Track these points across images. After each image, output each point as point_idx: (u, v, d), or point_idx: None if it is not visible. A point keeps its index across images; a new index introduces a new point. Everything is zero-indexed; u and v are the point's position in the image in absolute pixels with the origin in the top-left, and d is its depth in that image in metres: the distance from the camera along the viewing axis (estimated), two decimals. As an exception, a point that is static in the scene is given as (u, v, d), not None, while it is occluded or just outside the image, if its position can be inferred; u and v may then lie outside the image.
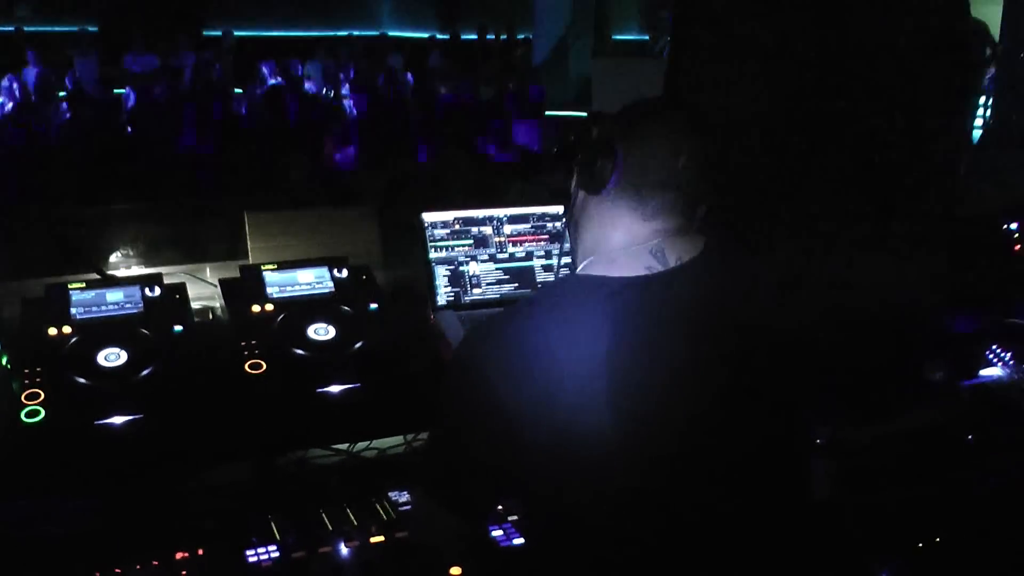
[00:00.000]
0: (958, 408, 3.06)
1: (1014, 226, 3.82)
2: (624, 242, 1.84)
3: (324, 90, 12.71)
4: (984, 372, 3.22)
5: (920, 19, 2.65)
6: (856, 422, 2.81)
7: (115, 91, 12.41)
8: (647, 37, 19.11)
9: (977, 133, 8.75)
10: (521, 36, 18.46)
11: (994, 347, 3.24)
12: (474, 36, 18.93)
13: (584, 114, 10.81)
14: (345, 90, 12.63)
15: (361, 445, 2.82)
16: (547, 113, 11.88)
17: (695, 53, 2.82)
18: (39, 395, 2.51)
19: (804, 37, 2.66)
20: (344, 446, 2.82)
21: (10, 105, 10.18)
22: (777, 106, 2.68)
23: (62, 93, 11.69)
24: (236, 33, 17.87)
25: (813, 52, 2.66)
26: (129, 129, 10.26)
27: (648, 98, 1.95)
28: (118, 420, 2.51)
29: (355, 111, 10.78)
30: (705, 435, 1.70)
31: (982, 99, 8.81)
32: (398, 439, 2.83)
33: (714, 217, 1.89)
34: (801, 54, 2.66)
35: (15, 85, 11.17)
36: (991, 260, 3.68)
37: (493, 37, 18.91)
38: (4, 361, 2.70)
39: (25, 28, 17.61)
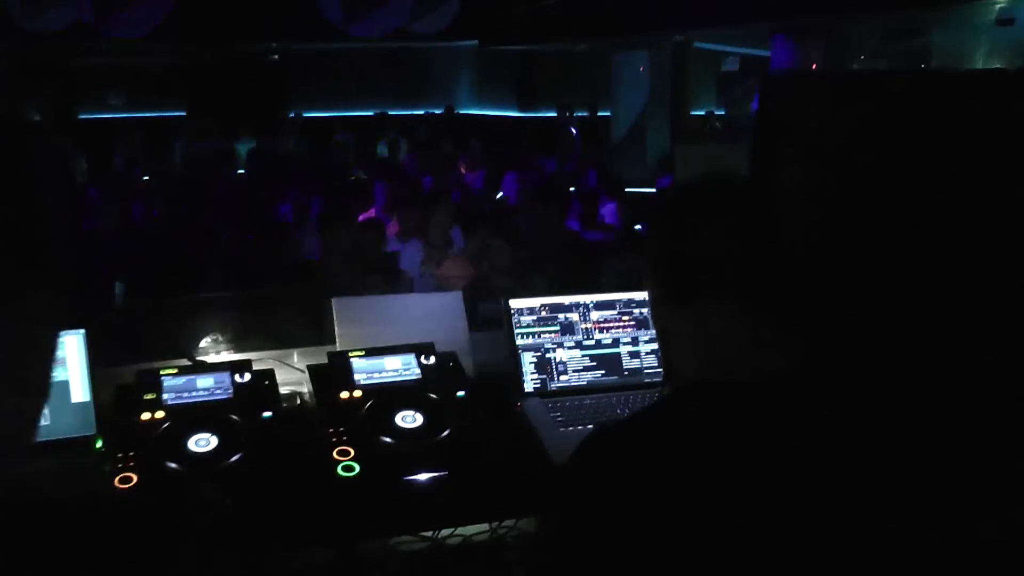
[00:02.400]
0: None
1: None
2: (717, 339, 1.70)
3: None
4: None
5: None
6: (976, 518, 2.73)
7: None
8: (724, 111, 19.14)
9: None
10: (601, 114, 18.57)
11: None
12: (553, 114, 19.10)
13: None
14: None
15: (446, 532, 2.80)
16: (626, 190, 11.88)
17: (781, 138, 2.81)
18: (131, 479, 2.55)
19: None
20: (429, 533, 2.80)
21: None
22: (868, 196, 2.65)
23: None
24: (319, 114, 18.29)
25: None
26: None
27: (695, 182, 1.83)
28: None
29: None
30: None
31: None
32: (483, 526, 2.81)
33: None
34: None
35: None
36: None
37: (569, 114, 19.04)
38: (99, 445, 2.74)
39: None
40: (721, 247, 1.67)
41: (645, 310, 3.22)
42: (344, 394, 2.89)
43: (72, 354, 2.79)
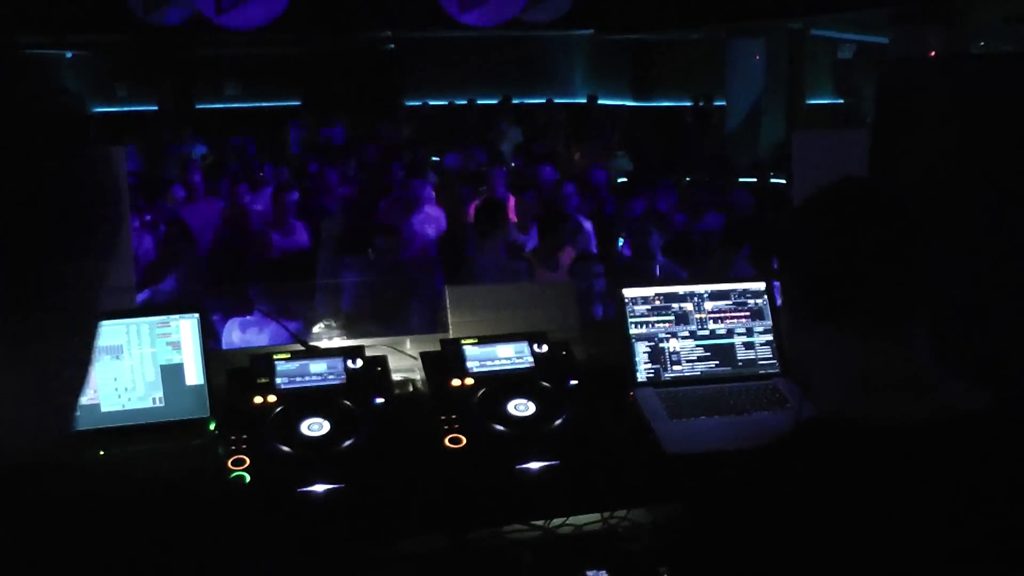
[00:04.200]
0: None
1: None
2: (863, 367, 1.51)
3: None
4: None
5: None
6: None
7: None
8: (842, 100, 18.84)
9: None
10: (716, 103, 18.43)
11: None
12: (668, 103, 18.98)
13: (783, 181, 10.67)
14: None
15: (557, 521, 2.78)
16: (740, 180, 11.76)
17: (903, 126, 2.73)
18: (244, 461, 2.57)
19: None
20: (540, 522, 2.78)
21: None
22: (994, 187, 2.56)
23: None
24: (431, 102, 18.45)
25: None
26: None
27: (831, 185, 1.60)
28: (320, 488, 2.54)
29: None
30: None
31: None
32: (595, 516, 2.78)
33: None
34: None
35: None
36: None
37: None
38: (212, 427, 2.77)
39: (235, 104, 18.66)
40: (875, 262, 1.48)
41: (760, 300, 3.16)
42: (456, 381, 2.88)
43: (187, 337, 2.82)
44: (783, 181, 10.85)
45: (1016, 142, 2.54)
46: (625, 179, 11.79)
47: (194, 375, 2.83)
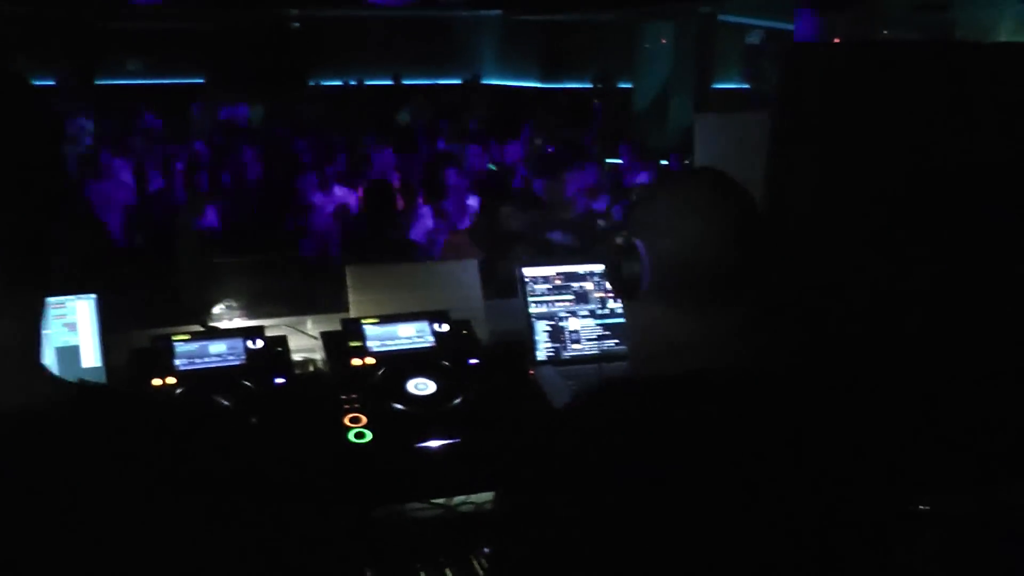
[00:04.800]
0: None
1: None
2: (656, 338, 1.65)
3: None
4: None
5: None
6: (967, 485, 2.70)
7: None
8: (748, 86, 19.02)
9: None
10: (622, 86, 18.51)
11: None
12: (575, 85, 19.02)
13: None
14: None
15: (458, 499, 2.79)
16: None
17: (804, 111, 2.77)
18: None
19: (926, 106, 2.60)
20: (441, 500, 2.79)
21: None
22: (896, 172, 2.61)
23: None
24: (331, 83, 18.30)
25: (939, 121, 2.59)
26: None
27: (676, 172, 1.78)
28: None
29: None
30: None
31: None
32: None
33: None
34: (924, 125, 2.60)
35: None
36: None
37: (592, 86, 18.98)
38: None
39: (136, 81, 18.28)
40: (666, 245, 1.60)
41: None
42: (357, 361, 2.88)
43: (84, 319, 2.79)
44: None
45: (918, 130, 2.61)
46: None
47: (91, 357, 2.79)
